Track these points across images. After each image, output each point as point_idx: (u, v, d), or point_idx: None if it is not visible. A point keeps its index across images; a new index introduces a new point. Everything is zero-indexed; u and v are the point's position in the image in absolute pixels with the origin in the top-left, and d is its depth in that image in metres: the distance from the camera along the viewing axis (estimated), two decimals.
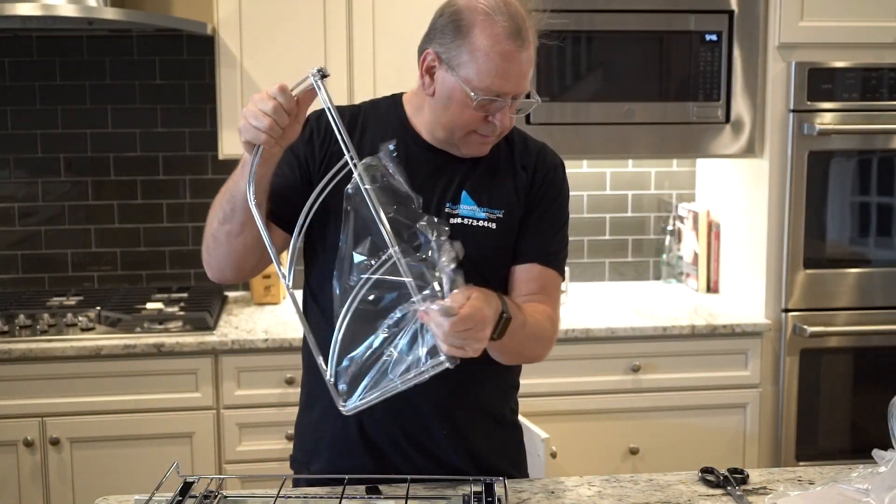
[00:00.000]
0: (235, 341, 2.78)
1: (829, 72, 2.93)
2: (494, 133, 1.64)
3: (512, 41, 1.56)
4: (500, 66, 1.56)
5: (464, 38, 1.58)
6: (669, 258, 3.52)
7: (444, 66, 1.61)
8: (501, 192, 1.70)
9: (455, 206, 1.67)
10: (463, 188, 1.69)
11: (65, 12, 2.76)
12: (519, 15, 1.58)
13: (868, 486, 1.53)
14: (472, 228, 1.67)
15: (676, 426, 2.96)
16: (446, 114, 1.63)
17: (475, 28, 1.57)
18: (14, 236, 3.30)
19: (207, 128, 3.30)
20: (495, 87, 1.57)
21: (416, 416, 1.67)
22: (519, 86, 1.60)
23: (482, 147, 1.68)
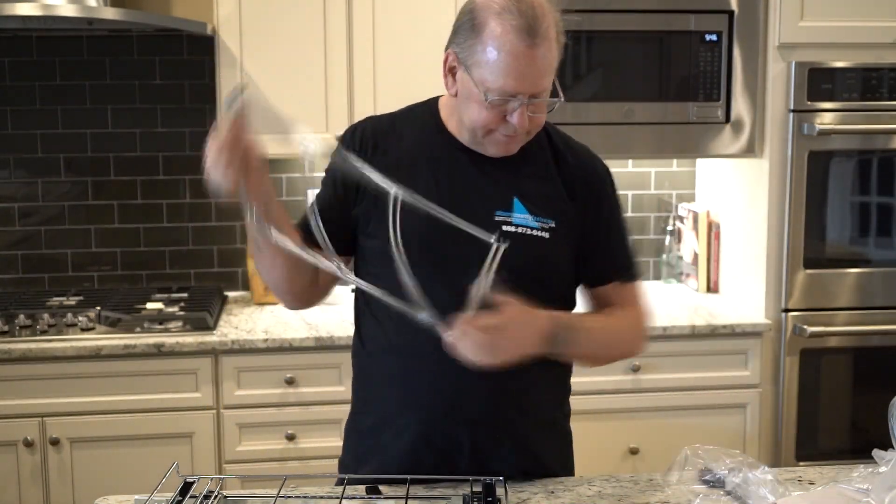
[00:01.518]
0: (235, 341, 2.78)
1: (829, 72, 2.93)
2: (515, 133, 1.60)
3: (523, 39, 1.52)
4: (510, 64, 1.53)
5: (477, 37, 1.56)
6: (669, 258, 3.52)
7: (462, 67, 1.59)
8: (552, 201, 1.67)
9: (508, 214, 1.64)
10: (514, 195, 1.65)
11: (65, 12, 2.76)
12: (533, 11, 1.53)
13: (868, 486, 1.53)
14: (526, 237, 1.63)
15: (676, 426, 2.96)
16: (467, 114, 1.61)
17: (487, 26, 1.54)
18: (14, 236, 3.30)
19: (207, 128, 3.28)
20: (507, 87, 1.54)
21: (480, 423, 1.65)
22: (535, 85, 1.56)
23: (507, 146, 1.64)
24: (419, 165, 1.66)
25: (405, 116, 1.74)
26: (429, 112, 1.73)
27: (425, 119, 1.72)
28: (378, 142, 1.69)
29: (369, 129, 1.71)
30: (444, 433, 1.65)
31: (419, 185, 1.60)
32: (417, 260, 1.53)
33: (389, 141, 1.69)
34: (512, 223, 1.63)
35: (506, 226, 1.62)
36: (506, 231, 1.61)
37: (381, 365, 1.70)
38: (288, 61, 2.98)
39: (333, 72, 2.99)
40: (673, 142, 3.02)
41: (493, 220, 1.63)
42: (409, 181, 1.58)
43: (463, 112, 1.63)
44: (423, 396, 1.65)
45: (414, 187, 1.57)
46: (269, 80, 2.98)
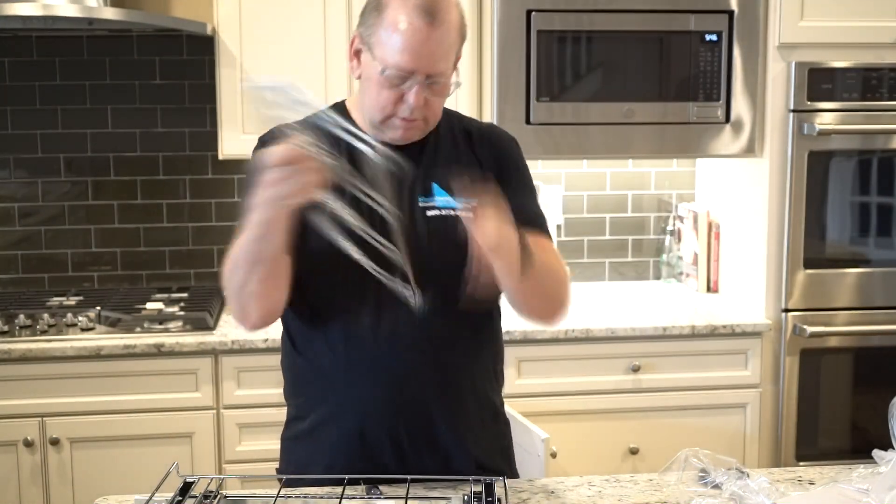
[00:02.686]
0: (235, 341, 2.78)
1: (829, 72, 2.93)
2: (412, 115, 1.62)
3: (422, 17, 1.56)
4: (407, 41, 1.56)
5: (379, 17, 1.59)
6: (669, 258, 3.52)
7: (365, 48, 1.63)
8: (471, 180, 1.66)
9: (429, 199, 1.67)
10: (432, 181, 1.67)
11: (65, 12, 2.76)
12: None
13: (868, 486, 1.53)
14: (451, 218, 1.63)
15: (676, 426, 2.96)
16: (367, 96, 1.64)
17: (390, 5, 1.58)
18: (14, 236, 3.30)
19: (207, 128, 3.30)
20: (403, 63, 1.57)
21: (418, 412, 1.68)
22: (431, 65, 1.59)
23: (406, 132, 1.65)
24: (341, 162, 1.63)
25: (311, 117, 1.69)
26: (337, 110, 1.73)
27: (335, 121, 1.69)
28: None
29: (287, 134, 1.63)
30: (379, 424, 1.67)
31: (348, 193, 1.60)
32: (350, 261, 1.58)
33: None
34: (436, 206, 1.67)
35: (430, 210, 1.66)
36: (431, 216, 1.65)
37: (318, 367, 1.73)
38: (288, 61, 2.98)
39: (333, 72, 2.99)
40: (673, 142, 3.02)
41: (416, 206, 1.66)
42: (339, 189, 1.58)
43: (364, 96, 1.66)
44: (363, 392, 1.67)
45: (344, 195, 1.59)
46: None
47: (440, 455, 1.69)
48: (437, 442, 1.69)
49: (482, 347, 1.76)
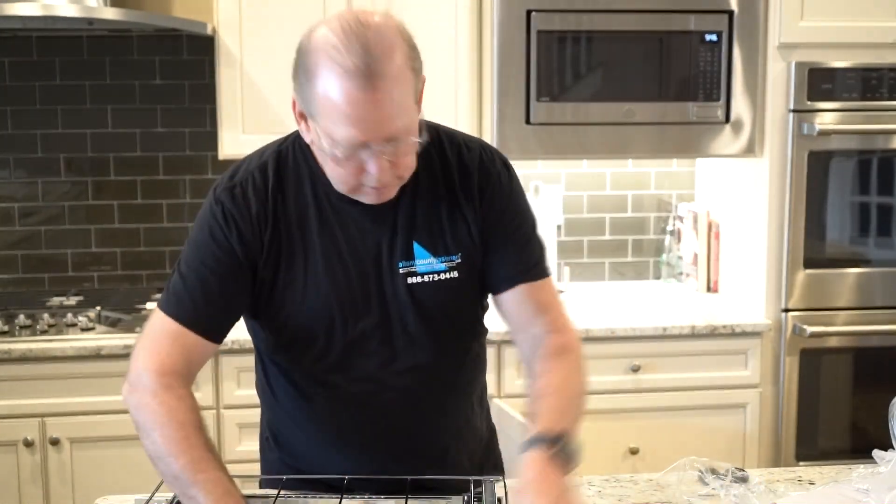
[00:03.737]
0: (235, 341, 2.78)
1: (829, 72, 2.93)
2: (379, 183, 1.40)
3: (358, 83, 1.30)
4: (348, 113, 1.32)
5: (311, 83, 1.35)
6: (669, 258, 3.52)
7: (308, 115, 1.40)
8: (454, 232, 1.52)
9: (410, 264, 1.50)
10: (413, 239, 1.50)
11: (65, 12, 2.76)
12: (367, 47, 1.32)
13: (868, 486, 1.53)
14: (435, 284, 1.51)
15: (676, 426, 2.96)
16: (327, 167, 1.43)
17: (319, 70, 1.34)
18: (14, 236, 3.30)
19: (207, 128, 3.30)
20: (351, 136, 1.33)
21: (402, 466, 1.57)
22: (384, 130, 1.34)
23: (381, 195, 1.43)
24: (311, 232, 1.50)
25: (278, 168, 1.51)
26: (302, 155, 1.51)
27: (300, 168, 1.51)
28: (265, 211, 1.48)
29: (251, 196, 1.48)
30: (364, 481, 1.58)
31: (318, 250, 1.49)
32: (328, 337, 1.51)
33: (275, 206, 1.49)
34: (417, 272, 1.50)
35: (411, 277, 1.50)
36: (411, 283, 1.50)
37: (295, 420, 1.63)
38: (288, 62, 2.94)
39: None
40: (673, 142, 3.02)
41: (398, 272, 1.50)
42: (308, 248, 1.49)
43: (323, 163, 1.44)
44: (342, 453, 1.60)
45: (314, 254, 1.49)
46: (269, 81, 2.98)
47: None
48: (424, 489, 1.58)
49: (466, 393, 1.66)
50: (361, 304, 1.51)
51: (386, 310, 1.51)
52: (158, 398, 1.40)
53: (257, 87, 2.98)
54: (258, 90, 2.98)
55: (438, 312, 1.53)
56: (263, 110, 2.99)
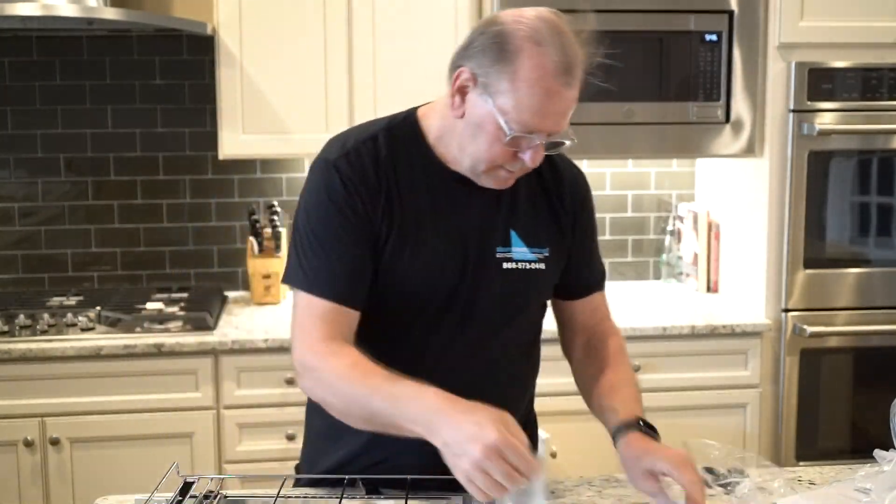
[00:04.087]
0: (235, 341, 2.78)
1: (829, 72, 2.93)
2: (521, 171, 1.53)
3: (560, 78, 1.43)
4: (542, 102, 1.43)
5: (507, 64, 1.42)
6: (669, 258, 3.52)
7: (479, 89, 1.46)
8: (544, 229, 1.63)
9: (507, 250, 1.59)
10: (511, 229, 1.60)
11: (65, 12, 2.76)
12: (571, 47, 1.45)
13: (870, 486, 1.53)
14: (526, 272, 1.60)
15: (676, 426, 2.94)
16: (474, 143, 1.49)
17: (522, 55, 1.42)
18: (14, 236, 3.30)
19: (207, 128, 3.30)
20: (533, 123, 1.44)
21: None
22: (558, 124, 1.48)
23: (506, 182, 1.55)
24: (421, 206, 1.56)
25: (389, 140, 1.57)
26: (412, 133, 1.59)
27: (410, 144, 1.58)
28: (379, 178, 1.54)
29: (366, 161, 1.55)
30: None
31: (428, 224, 1.55)
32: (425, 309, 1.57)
33: (388, 175, 1.55)
34: (512, 259, 1.59)
35: (507, 263, 1.59)
36: (506, 269, 1.59)
37: None
38: (288, 61, 2.98)
39: (333, 72, 2.99)
40: (673, 142, 3.02)
41: (494, 257, 1.59)
42: (417, 221, 1.54)
43: (467, 140, 1.50)
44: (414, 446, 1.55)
45: (423, 227, 1.54)
46: (269, 81, 2.98)
47: None
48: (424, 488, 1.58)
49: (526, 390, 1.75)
50: (457, 281, 1.56)
51: (477, 288, 1.57)
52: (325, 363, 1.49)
53: (257, 87, 2.98)
54: (258, 90, 2.98)
55: (522, 299, 1.62)
56: (263, 110, 2.99)
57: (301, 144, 3.00)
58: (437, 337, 1.59)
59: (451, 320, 1.58)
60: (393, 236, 1.54)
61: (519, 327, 1.66)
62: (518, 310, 1.63)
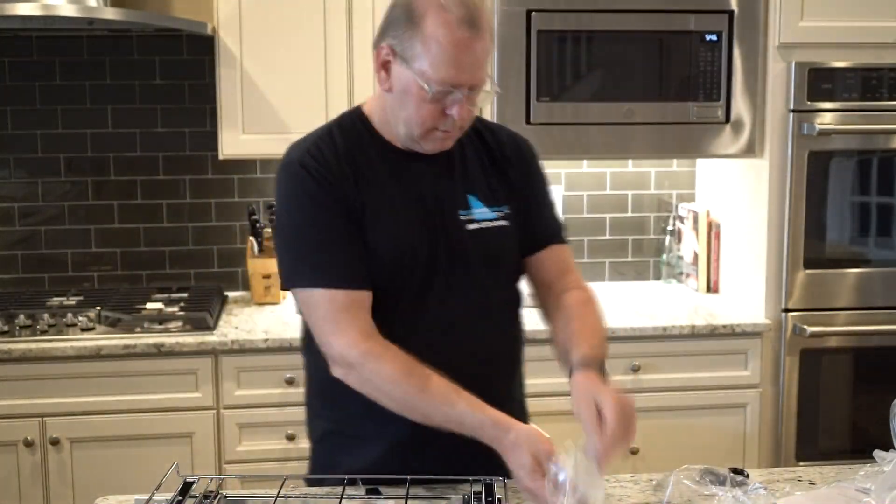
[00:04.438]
0: (235, 341, 2.78)
1: (829, 72, 2.93)
2: (455, 127, 1.61)
3: (465, 29, 1.52)
4: (453, 55, 1.53)
5: (416, 29, 1.54)
6: (669, 258, 3.52)
7: (398, 60, 1.57)
8: (498, 188, 1.72)
9: (468, 212, 1.68)
10: (468, 193, 1.69)
11: (65, 12, 2.76)
12: (473, 2, 1.55)
13: (870, 486, 1.53)
14: (491, 231, 1.69)
15: (676, 426, 2.96)
16: (404, 109, 1.60)
17: (427, 17, 1.53)
18: (14, 236, 3.30)
19: (207, 128, 3.30)
20: (450, 78, 1.54)
21: None
22: (475, 76, 1.56)
23: (444, 142, 1.65)
24: (383, 181, 1.64)
25: (342, 134, 1.67)
26: (360, 123, 1.69)
27: (361, 134, 1.68)
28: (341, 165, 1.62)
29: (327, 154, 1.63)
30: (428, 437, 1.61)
31: (397, 202, 1.64)
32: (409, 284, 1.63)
33: (348, 162, 1.63)
34: (475, 219, 1.68)
35: (470, 224, 1.67)
36: (471, 229, 1.66)
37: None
38: (288, 61, 2.98)
39: (333, 72, 2.99)
40: (673, 142, 3.02)
41: (459, 219, 1.67)
42: (383, 205, 1.62)
43: (398, 109, 1.61)
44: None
45: (392, 205, 1.62)
46: (269, 80, 2.98)
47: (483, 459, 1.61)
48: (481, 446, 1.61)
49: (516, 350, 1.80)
50: (431, 248, 1.64)
51: (452, 253, 1.65)
52: (370, 365, 1.57)
53: (257, 87, 2.98)
54: (258, 90, 2.98)
55: (495, 256, 1.69)
56: (263, 110, 2.99)
57: None
58: (426, 306, 1.64)
59: (438, 287, 1.64)
60: (367, 214, 1.62)
61: (501, 288, 1.73)
62: (496, 267, 1.70)
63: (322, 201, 1.60)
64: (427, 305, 1.65)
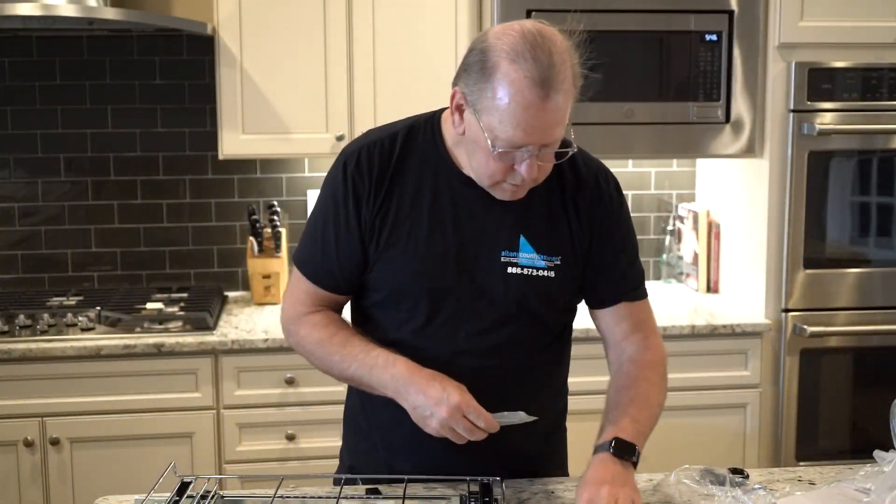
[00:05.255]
0: (235, 341, 2.78)
1: (829, 72, 2.93)
2: (523, 183, 1.53)
3: (535, 90, 1.41)
4: (520, 117, 1.43)
5: (487, 82, 1.44)
6: (669, 258, 3.52)
7: (470, 108, 1.49)
8: (558, 236, 1.63)
9: (513, 255, 1.60)
10: (520, 233, 1.61)
11: (65, 12, 2.76)
12: (550, 58, 1.43)
13: (870, 486, 1.53)
14: (532, 278, 1.61)
15: (676, 426, 2.96)
16: (474, 159, 1.54)
17: (498, 71, 1.43)
18: (14, 236, 3.30)
19: (207, 128, 3.30)
20: (516, 138, 1.45)
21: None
22: (546, 136, 1.47)
23: (515, 194, 1.56)
24: (423, 204, 1.60)
25: (408, 140, 1.63)
26: (430, 135, 1.63)
27: (427, 146, 1.62)
28: (384, 176, 1.60)
29: (376, 160, 1.61)
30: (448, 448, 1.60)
31: (425, 223, 1.59)
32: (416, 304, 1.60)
33: (396, 174, 1.61)
34: (518, 264, 1.60)
35: (511, 267, 1.60)
36: (510, 273, 1.60)
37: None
38: (288, 61, 2.98)
39: (333, 72, 2.99)
40: (673, 142, 3.02)
41: (498, 260, 1.60)
42: (416, 220, 1.59)
43: (470, 155, 1.55)
44: None
45: (420, 225, 1.59)
46: (269, 80, 2.98)
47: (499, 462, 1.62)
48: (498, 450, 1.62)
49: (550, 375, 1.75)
50: (454, 281, 1.60)
51: (477, 291, 1.60)
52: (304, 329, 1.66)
53: (257, 87, 2.98)
54: (258, 90, 2.98)
55: (530, 305, 1.62)
56: (263, 110, 2.99)
57: (301, 144, 3.00)
58: (433, 330, 1.61)
59: (445, 316, 1.60)
60: (387, 231, 1.60)
61: (529, 331, 1.65)
62: (522, 314, 1.61)
63: (338, 202, 1.61)
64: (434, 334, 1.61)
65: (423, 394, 1.49)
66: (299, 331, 1.67)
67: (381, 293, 1.63)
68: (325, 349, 1.63)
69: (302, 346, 1.68)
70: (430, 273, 1.59)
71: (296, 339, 1.70)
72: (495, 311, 1.60)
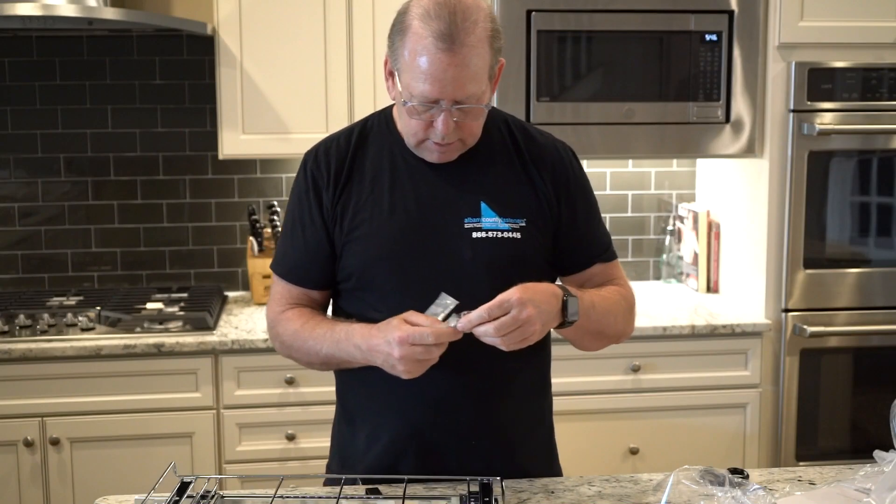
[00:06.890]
0: (235, 341, 2.78)
1: (829, 72, 2.93)
2: (444, 140, 1.58)
3: (439, 44, 1.49)
4: (426, 70, 1.50)
5: (402, 41, 1.54)
6: (669, 258, 3.52)
7: (394, 70, 1.58)
8: (520, 200, 1.67)
9: (476, 220, 1.64)
10: (480, 200, 1.65)
11: (65, 12, 2.76)
12: (455, 16, 1.49)
13: (870, 486, 1.53)
14: (497, 241, 1.64)
15: (676, 426, 2.96)
16: (400, 120, 1.63)
17: (409, 31, 1.52)
18: (14, 236, 3.30)
19: (207, 128, 3.30)
20: (426, 92, 1.52)
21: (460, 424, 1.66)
22: (455, 92, 1.52)
23: (442, 154, 1.62)
24: (383, 186, 1.66)
25: (363, 133, 1.71)
26: (384, 122, 1.71)
27: (381, 132, 1.70)
28: (342, 167, 1.67)
29: (333, 154, 1.69)
30: (430, 439, 1.66)
31: (386, 203, 1.64)
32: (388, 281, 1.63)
33: (354, 163, 1.68)
34: (482, 228, 1.64)
35: (476, 232, 1.64)
36: (475, 238, 1.63)
37: (364, 376, 1.67)
38: (288, 61, 2.98)
39: (333, 72, 3.00)
40: (673, 142, 3.02)
41: (463, 227, 1.64)
42: (376, 201, 1.64)
43: (399, 117, 1.64)
44: (408, 404, 1.65)
45: (381, 206, 1.63)
46: (269, 80, 2.98)
47: (483, 462, 1.64)
48: (478, 451, 1.66)
49: (527, 360, 1.71)
50: (423, 253, 1.63)
51: (447, 260, 1.63)
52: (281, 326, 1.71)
53: (257, 87, 2.98)
54: (258, 90, 2.98)
55: (500, 268, 1.63)
56: (263, 110, 2.99)
57: (301, 144, 2.97)
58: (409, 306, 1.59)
59: (425, 288, 1.59)
60: (349, 217, 1.65)
61: None
62: (495, 278, 1.60)
63: (302, 200, 1.69)
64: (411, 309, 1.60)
65: (377, 351, 1.53)
66: (278, 329, 1.71)
67: (352, 280, 1.67)
68: (299, 339, 1.66)
69: (283, 343, 1.71)
70: (397, 249, 1.63)
71: (279, 341, 1.72)
72: (467, 279, 1.62)
